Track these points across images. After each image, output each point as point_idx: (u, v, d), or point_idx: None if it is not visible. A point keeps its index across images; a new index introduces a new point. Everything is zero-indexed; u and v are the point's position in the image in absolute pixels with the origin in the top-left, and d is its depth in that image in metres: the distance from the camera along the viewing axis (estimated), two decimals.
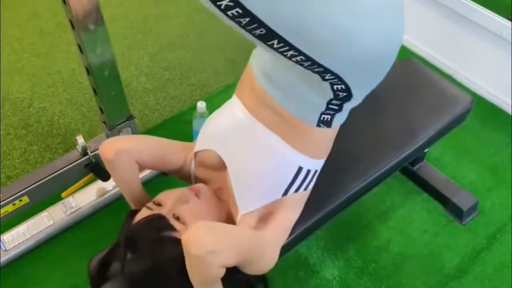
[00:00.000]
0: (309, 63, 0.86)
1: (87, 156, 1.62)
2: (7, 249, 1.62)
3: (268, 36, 0.81)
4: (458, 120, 1.43)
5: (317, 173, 1.15)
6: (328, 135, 1.12)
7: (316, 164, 1.13)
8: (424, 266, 1.64)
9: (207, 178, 1.20)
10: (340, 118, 1.08)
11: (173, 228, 1.00)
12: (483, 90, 2.15)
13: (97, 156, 1.62)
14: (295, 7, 0.77)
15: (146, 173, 1.80)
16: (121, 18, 2.55)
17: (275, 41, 0.82)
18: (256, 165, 1.08)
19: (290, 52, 0.84)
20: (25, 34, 2.46)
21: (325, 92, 0.97)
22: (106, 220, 1.74)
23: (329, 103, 1.00)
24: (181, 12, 2.59)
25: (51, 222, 1.68)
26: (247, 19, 0.78)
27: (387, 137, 1.20)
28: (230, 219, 1.13)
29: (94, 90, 1.54)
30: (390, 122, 1.45)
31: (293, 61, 0.87)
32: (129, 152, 1.15)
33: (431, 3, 2.17)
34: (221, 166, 1.14)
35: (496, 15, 1.96)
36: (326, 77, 0.91)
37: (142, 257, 0.99)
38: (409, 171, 1.83)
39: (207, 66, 2.31)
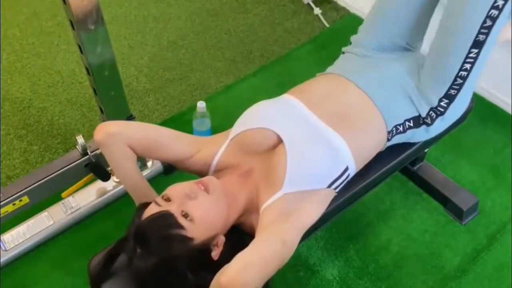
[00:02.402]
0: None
1: (87, 156, 1.61)
2: (7, 249, 1.61)
3: None
4: (458, 120, 1.42)
5: (348, 180, 1.22)
6: (375, 150, 1.27)
7: (353, 171, 1.20)
8: (424, 266, 1.65)
9: (235, 163, 1.19)
10: (400, 138, 1.30)
11: (181, 226, 1.01)
12: (483, 90, 2.14)
13: (97, 156, 1.62)
14: None
15: (148, 172, 1.80)
16: (121, 18, 2.55)
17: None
18: (315, 147, 1.13)
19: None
20: (25, 34, 2.46)
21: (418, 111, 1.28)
22: (106, 220, 1.74)
23: (409, 120, 1.27)
24: (181, 12, 2.59)
25: (51, 222, 1.68)
26: None
27: None
28: (248, 205, 1.14)
29: (94, 90, 1.54)
30: None
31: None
32: (119, 136, 1.17)
33: None
34: (263, 147, 1.16)
35: None
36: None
37: (150, 254, 1.00)
38: (409, 171, 1.83)
39: (207, 66, 2.31)
